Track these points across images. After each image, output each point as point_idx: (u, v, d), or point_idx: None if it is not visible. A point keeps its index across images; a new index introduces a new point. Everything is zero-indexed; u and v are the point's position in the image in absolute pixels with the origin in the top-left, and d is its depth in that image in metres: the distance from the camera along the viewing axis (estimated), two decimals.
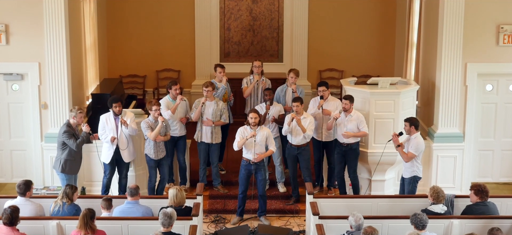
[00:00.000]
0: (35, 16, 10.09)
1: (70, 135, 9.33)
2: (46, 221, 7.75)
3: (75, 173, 9.55)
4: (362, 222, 7.27)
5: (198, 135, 10.21)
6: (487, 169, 10.94)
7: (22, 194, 8.00)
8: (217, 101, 10.16)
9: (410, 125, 9.17)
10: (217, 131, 10.20)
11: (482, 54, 10.34)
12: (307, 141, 9.83)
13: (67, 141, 9.32)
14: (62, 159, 9.40)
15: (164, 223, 7.18)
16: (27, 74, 10.37)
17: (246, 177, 9.57)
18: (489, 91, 10.67)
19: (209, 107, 10.09)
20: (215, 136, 10.18)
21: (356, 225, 7.27)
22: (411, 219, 7.26)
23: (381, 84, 10.02)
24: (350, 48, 14.03)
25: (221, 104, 10.15)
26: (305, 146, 9.85)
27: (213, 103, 10.10)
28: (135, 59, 14.00)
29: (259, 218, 9.75)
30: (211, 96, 10.11)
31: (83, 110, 9.67)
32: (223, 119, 10.16)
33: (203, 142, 10.20)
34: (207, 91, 10.05)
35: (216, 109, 10.08)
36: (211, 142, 10.18)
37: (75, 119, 9.42)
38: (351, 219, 7.32)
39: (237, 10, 13.93)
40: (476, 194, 7.99)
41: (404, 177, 9.33)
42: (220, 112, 10.11)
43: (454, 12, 10.09)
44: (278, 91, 10.66)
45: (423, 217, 7.20)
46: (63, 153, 9.40)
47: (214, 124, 10.08)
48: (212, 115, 10.06)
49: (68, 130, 9.34)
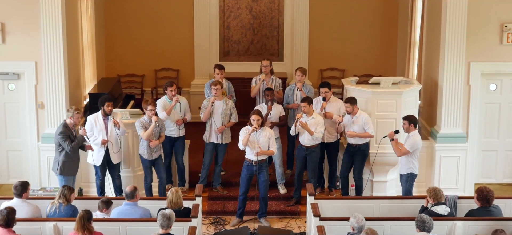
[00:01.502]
0: (32, 15, 10.09)
1: (65, 136, 9.31)
2: (43, 223, 7.76)
3: (73, 174, 9.54)
4: (364, 223, 7.27)
5: (207, 135, 10.20)
6: (490, 169, 10.94)
7: (18, 195, 8.00)
8: (226, 100, 10.15)
9: (408, 123, 9.20)
10: (227, 130, 10.21)
11: (486, 53, 10.34)
12: (317, 142, 9.80)
13: (62, 142, 9.31)
14: (60, 160, 9.39)
15: (162, 225, 7.18)
16: (23, 73, 10.37)
17: (247, 178, 9.57)
18: (493, 91, 10.67)
19: (218, 107, 10.07)
20: (225, 136, 10.20)
21: (358, 227, 7.27)
22: (416, 222, 7.24)
23: (383, 83, 10.02)
24: (351, 47, 14.03)
25: (230, 104, 10.14)
26: (315, 148, 9.82)
27: (222, 103, 10.09)
28: (133, 59, 14.01)
29: (259, 219, 9.75)
30: (220, 95, 10.09)
31: (80, 111, 9.66)
32: (233, 119, 10.15)
33: (212, 142, 10.20)
34: (216, 90, 10.03)
35: (225, 109, 10.08)
36: (221, 142, 10.18)
37: (72, 119, 9.42)
38: (353, 220, 7.32)
39: (237, 9, 13.93)
40: (478, 199, 7.99)
41: (401, 173, 9.39)
42: (230, 112, 10.11)
43: (457, 10, 10.09)
44: (287, 91, 10.63)
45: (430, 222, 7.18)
46: (61, 154, 9.39)
47: (226, 126, 10.09)
48: (221, 115, 10.05)
49: (64, 131, 9.33)
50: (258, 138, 9.33)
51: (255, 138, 9.34)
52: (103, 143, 9.58)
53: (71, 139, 9.36)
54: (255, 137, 9.34)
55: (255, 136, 9.34)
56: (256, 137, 9.34)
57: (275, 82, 10.78)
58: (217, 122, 10.07)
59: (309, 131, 9.63)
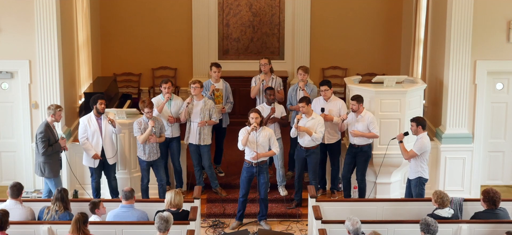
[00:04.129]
0: (26, 12, 10.10)
1: (45, 137, 9.19)
2: (37, 226, 7.78)
3: (56, 176, 9.46)
4: (359, 226, 7.25)
5: (186, 136, 10.22)
6: (497, 171, 10.95)
7: (14, 196, 8.02)
8: (206, 100, 10.13)
9: (416, 125, 9.20)
10: (207, 131, 10.13)
11: (492, 51, 10.35)
12: (316, 143, 9.81)
13: (39, 143, 9.19)
14: (41, 162, 9.32)
15: (160, 228, 7.19)
16: (17, 72, 10.38)
17: (247, 180, 9.57)
18: (500, 90, 10.68)
19: (196, 106, 10.06)
20: (203, 137, 10.14)
21: (353, 229, 7.25)
22: (421, 225, 7.26)
23: (387, 82, 10.03)
24: (354, 45, 14.04)
25: (209, 103, 10.10)
26: (315, 149, 9.83)
27: (200, 103, 10.06)
28: (130, 57, 14.02)
29: (259, 222, 9.77)
30: (199, 95, 10.08)
31: (61, 108, 9.51)
32: (213, 118, 10.11)
33: (191, 144, 10.20)
34: (194, 88, 10.02)
35: (203, 108, 10.04)
36: (199, 143, 10.15)
37: (53, 117, 9.34)
38: (348, 223, 7.30)
39: (237, 6, 13.94)
40: (484, 201, 8.01)
41: (410, 178, 9.36)
42: (208, 112, 10.08)
43: (463, 8, 10.10)
44: (290, 92, 10.60)
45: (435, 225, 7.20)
46: (40, 155, 9.29)
47: (207, 124, 10.06)
48: (200, 115, 10.01)
49: (44, 131, 9.20)
50: (257, 138, 9.33)
51: (254, 137, 9.34)
52: (94, 157, 9.56)
53: (50, 141, 9.29)
54: (254, 137, 9.34)
55: (254, 136, 9.34)
56: (255, 137, 9.33)
57: (275, 82, 10.76)
58: (195, 121, 10.07)
59: (308, 132, 9.63)
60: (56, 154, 9.41)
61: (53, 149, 9.31)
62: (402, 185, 10.18)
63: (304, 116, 9.72)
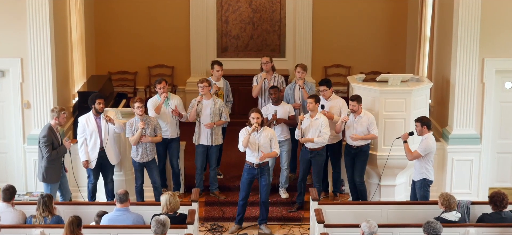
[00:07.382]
0: (17, 8, 10.10)
1: (49, 141, 9.21)
2: (29, 230, 7.78)
3: (56, 181, 9.48)
4: (376, 230, 7.24)
5: (196, 137, 10.21)
6: (505, 173, 10.94)
7: (7, 199, 8.03)
8: (215, 99, 10.15)
9: (421, 125, 9.21)
10: (218, 131, 10.18)
11: (501, 49, 10.35)
12: (322, 145, 9.79)
13: (43, 148, 9.22)
14: (43, 167, 9.33)
15: (156, 231, 7.20)
16: (8, 70, 10.38)
17: (248, 183, 9.57)
18: (508, 89, 10.68)
19: (206, 107, 10.07)
20: (215, 137, 10.16)
21: (369, 232, 7.24)
22: (424, 227, 7.27)
23: (392, 81, 10.04)
24: (358, 42, 14.05)
25: (219, 103, 10.13)
26: (320, 150, 9.82)
27: (210, 102, 10.10)
28: (125, 55, 14.03)
29: (259, 226, 9.77)
30: (208, 94, 10.10)
31: (66, 110, 9.56)
32: (223, 118, 10.14)
33: (201, 144, 10.20)
34: (202, 87, 10.04)
35: (214, 108, 10.07)
36: (210, 144, 10.17)
37: (57, 120, 9.39)
38: (365, 225, 7.26)
39: (236, 2, 13.96)
40: (490, 203, 8.04)
41: (414, 180, 9.38)
42: (219, 111, 10.10)
43: (470, 4, 10.10)
44: (287, 90, 10.62)
45: (437, 225, 7.22)
46: (43, 160, 9.31)
47: (216, 125, 10.08)
48: (210, 115, 10.05)
49: (48, 135, 9.22)
50: (258, 139, 9.33)
51: (255, 138, 9.35)
52: (85, 166, 9.58)
53: (54, 145, 9.31)
54: (256, 138, 9.34)
55: (255, 137, 9.34)
56: (256, 138, 9.34)
57: (277, 80, 10.77)
58: (205, 123, 10.07)
59: (310, 141, 9.64)
60: (58, 158, 9.43)
61: (58, 152, 9.33)
62: (408, 188, 10.18)
63: (307, 117, 9.73)
